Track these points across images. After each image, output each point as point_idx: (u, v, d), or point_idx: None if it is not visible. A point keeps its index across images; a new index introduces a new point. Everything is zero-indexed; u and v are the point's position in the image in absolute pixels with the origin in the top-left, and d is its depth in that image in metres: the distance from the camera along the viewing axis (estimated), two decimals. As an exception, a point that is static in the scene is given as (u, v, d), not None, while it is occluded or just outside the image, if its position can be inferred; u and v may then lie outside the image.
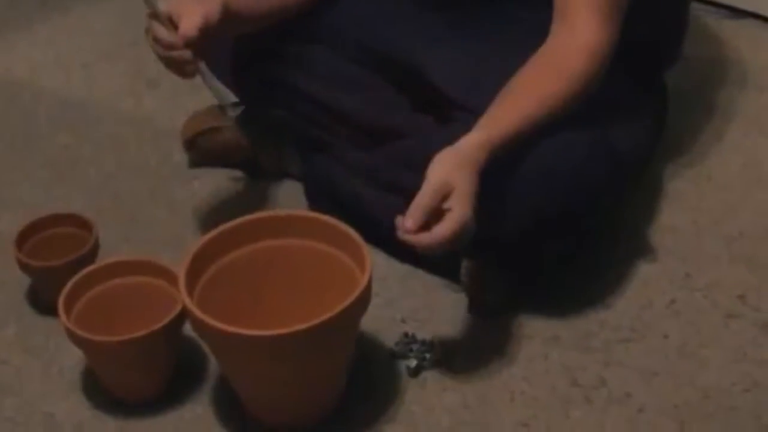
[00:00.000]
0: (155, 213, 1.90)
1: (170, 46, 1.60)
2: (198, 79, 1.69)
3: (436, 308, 1.67)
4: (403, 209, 1.46)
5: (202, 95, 1.95)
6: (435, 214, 1.41)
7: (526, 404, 1.53)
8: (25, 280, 1.72)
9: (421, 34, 1.76)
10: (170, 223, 1.87)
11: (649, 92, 1.81)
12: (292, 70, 1.82)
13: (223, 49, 1.80)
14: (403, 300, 1.69)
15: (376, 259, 1.75)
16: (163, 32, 1.60)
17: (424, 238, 1.41)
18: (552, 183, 1.52)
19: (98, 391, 1.57)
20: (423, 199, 1.41)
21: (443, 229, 1.40)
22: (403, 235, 1.41)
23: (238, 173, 1.96)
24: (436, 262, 1.68)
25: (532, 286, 1.68)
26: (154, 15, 1.61)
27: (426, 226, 1.41)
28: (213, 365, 1.59)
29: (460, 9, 1.76)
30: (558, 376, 1.57)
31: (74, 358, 1.59)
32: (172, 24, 1.61)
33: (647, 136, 1.78)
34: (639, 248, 1.77)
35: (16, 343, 1.66)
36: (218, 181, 1.95)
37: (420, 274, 1.73)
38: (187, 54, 1.60)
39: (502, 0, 1.70)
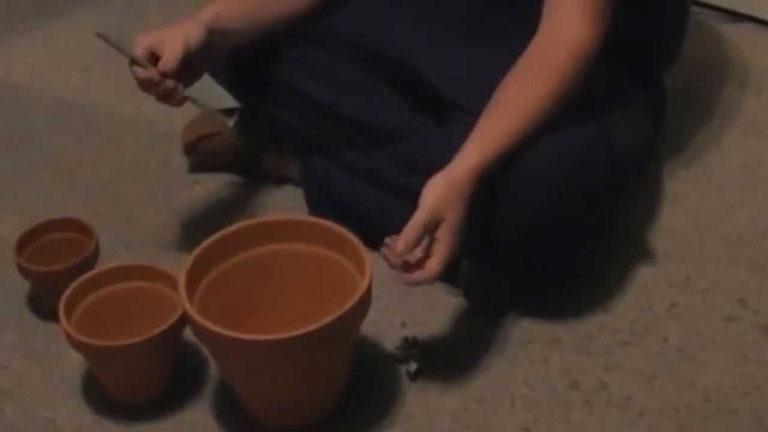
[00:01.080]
0: (155, 217, 1.90)
1: (149, 83, 1.60)
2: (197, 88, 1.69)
3: (436, 312, 1.67)
4: (403, 212, 1.47)
5: (202, 99, 1.96)
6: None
7: (526, 408, 1.53)
8: (25, 285, 1.72)
9: (419, 35, 1.75)
10: (170, 227, 1.87)
11: (648, 91, 1.81)
12: (291, 71, 1.82)
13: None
14: (403, 303, 1.68)
15: (377, 263, 1.75)
16: (140, 72, 1.61)
17: (418, 276, 1.45)
18: (550, 183, 1.52)
19: (99, 395, 1.57)
20: (415, 225, 1.44)
21: (435, 265, 1.45)
22: (398, 272, 1.46)
23: (239, 178, 1.96)
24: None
25: (532, 287, 1.68)
26: (133, 61, 1.61)
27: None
28: (213, 369, 1.59)
29: (459, 11, 1.76)
30: (558, 380, 1.57)
31: (75, 362, 1.59)
32: (154, 57, 1.61)
33: (646, 136, 1.78)
34: (639, 251, 1.77)
35: (17, 348, 1.66)
36: (219, 186, 1.95)
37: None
38: (169, 84, 1.60)
39: (501, 2, 1.70)
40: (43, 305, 1.70)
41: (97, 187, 1.98)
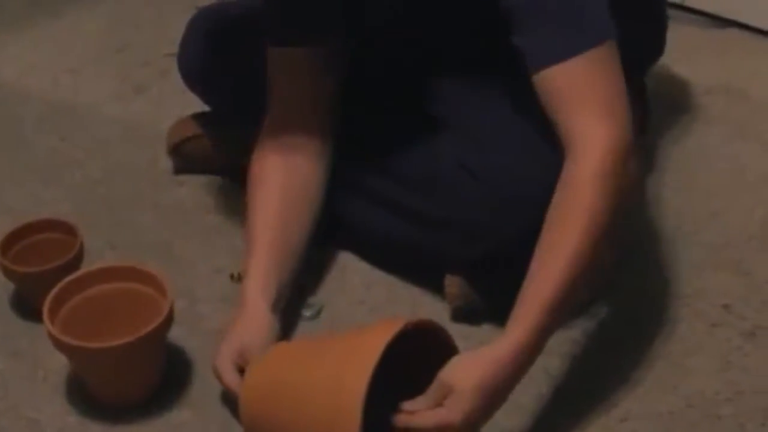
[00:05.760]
0: (141, 218, 1.90)
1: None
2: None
3: (422, 315, 1.67)
4: (385, 219, 1.47)
5: (189, 101, 1.95)
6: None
7: (510, 412, 1.53)
8: (9, 285, 1.72)
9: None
10: (156, 228, 1.87)
11: (629, 95, 1.80)
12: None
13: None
14: (388, 307, 1.69)
15: (362, 267, 1.76)
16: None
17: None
18: (530, 200, 1.48)
19: (83, 396, 1.57)
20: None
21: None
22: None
23: (224, 180, 1.95)
24: (421, 273, 1.71)
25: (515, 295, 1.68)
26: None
27: None
28: (199, 370, 1.59)
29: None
30: (542, 384, 1.56)
31: (59, 363, 1.59)
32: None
33: None
34: (623, 257, 1.77)
35: (0, 348, 1.66)
36: (204, 188, 1.95)
37: (405, 282, 1.73)
38: None
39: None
40: (27, 306, 1.69)
41: (84, 187, 1.98)
